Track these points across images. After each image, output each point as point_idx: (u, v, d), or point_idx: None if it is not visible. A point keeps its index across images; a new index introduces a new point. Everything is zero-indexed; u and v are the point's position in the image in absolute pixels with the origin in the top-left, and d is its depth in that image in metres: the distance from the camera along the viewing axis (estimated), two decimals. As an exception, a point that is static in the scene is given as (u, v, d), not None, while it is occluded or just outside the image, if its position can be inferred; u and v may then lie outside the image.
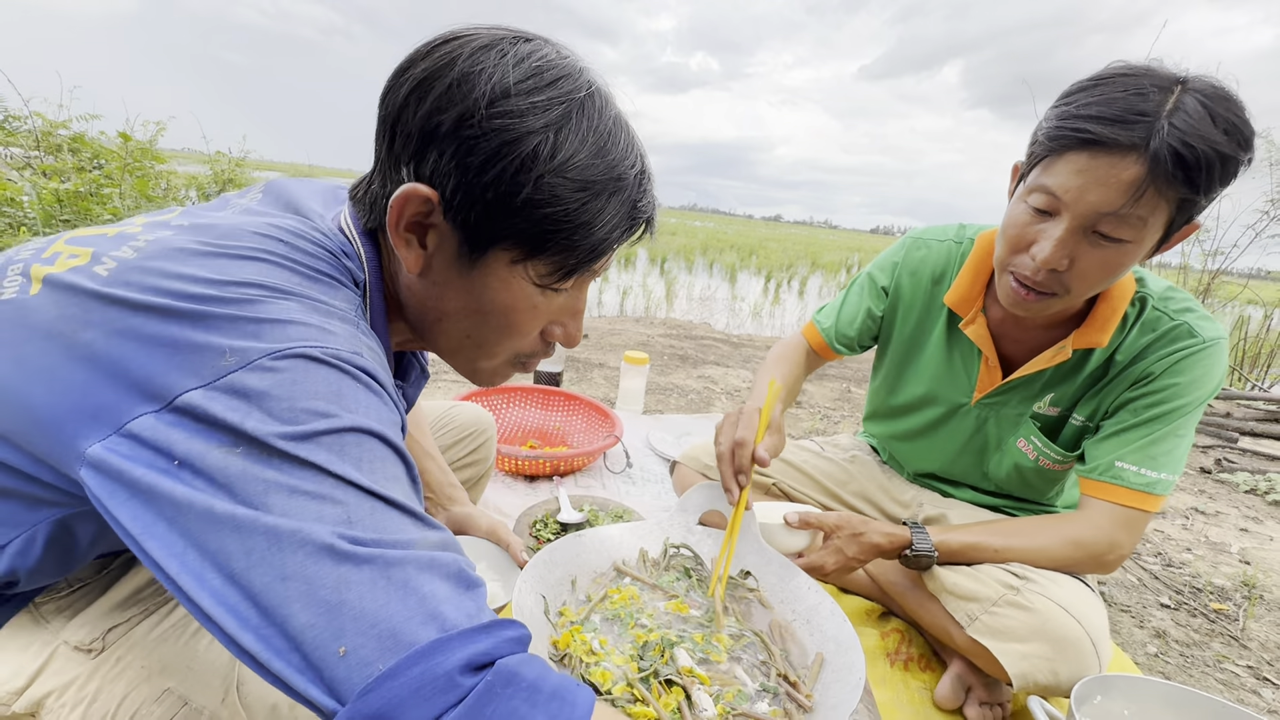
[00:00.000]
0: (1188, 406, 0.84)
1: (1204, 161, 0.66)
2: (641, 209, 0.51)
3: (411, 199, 0.46)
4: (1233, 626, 1.27)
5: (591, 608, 0.78)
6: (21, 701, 0.53)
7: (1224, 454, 2.47)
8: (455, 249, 0.48)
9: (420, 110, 0.45)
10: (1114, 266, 0.75)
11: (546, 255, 0.48)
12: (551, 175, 0.45)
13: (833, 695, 0.69)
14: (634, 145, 0.50)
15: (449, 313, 0.52)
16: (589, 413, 1.75)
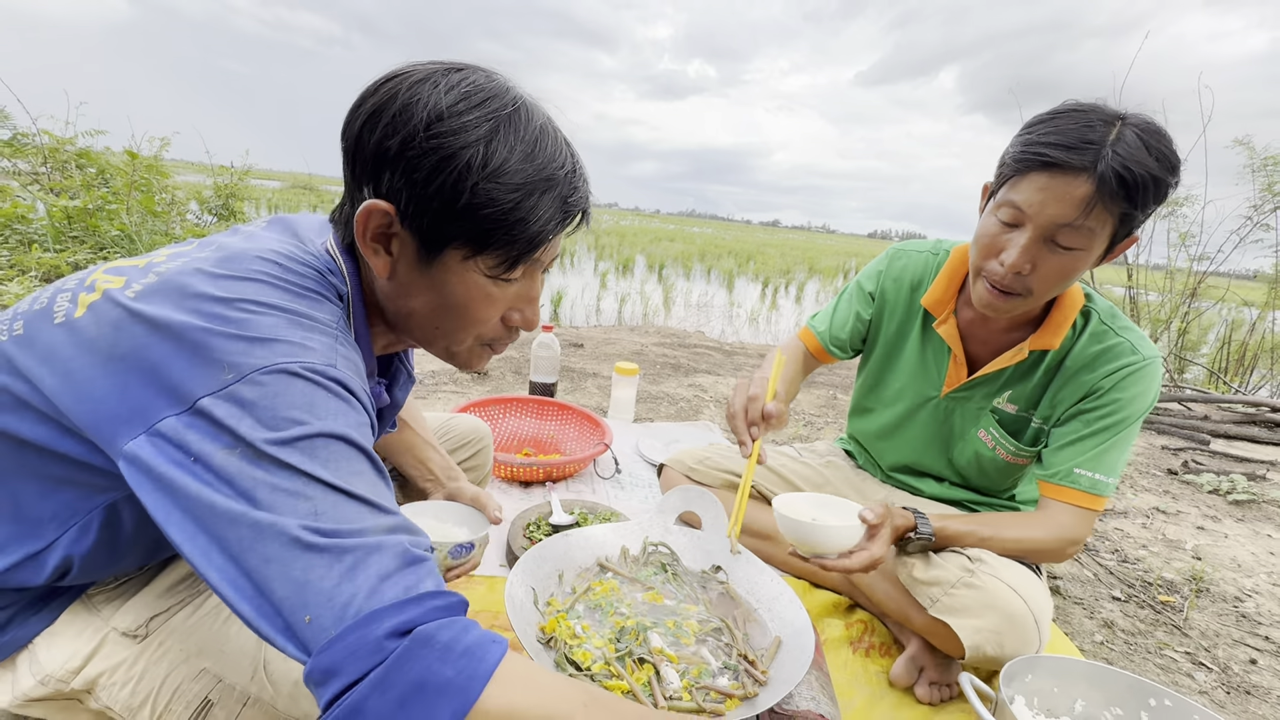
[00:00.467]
0: (1131, 418, 0.97)
1: (1141, 182, 0.80)
2: (573, 203, 0.59)
3: (373, 213, 0.54)
4: (1176, 617, 1.36)
5: (576, 598, 0.88)
6: (78, 680, 0.63)
7: (1193, 456, 2.56)
8: (415, 253, 0.56)
9: (372, 139, 0.53)
10: (1069, 271, 0.88)
11: (491, 250, 0.56)
12: (485, 181, 0.53)
13: (785, 671, 0.79)
14: (562, 148, 0.57)
15: (416, 309, 0.60)
16: (581, 421, 1.85)
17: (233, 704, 0.62)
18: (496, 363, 2.84)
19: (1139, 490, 2.13)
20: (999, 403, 1.09)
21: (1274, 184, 4.57)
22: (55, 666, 0.62)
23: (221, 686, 0.63)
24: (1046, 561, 1.02)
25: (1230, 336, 5.33)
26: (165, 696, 0.62)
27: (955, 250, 1.11)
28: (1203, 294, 4.84)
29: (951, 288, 1.10)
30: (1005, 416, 1.09)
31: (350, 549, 0.43)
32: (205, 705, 0.62)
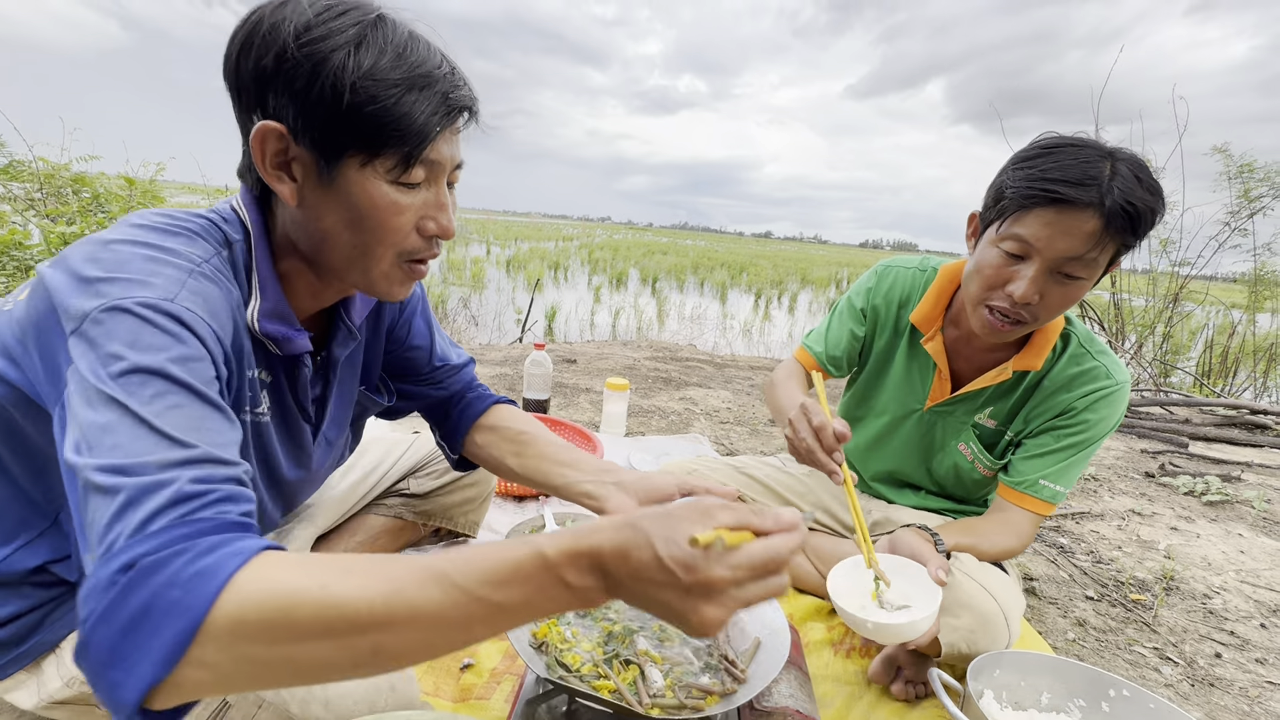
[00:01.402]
0: (1097, 438, 1.05)
1: (1143, 215, 0.87)
2: (454, 99, 0.61)
3: (267, 135, 0.57)
4: (1146, 614, 1.42)
5: (566, 605, 0.93)
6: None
7: (1171, 459, 2.63)
8: (315, 170, 0.58)
9: (249, 63, 0.56)
10: (1073, 299, 0.94)
11: (385, 151, 0.58)
12: (363, 80, 0.55)
13: (763, 669, 0.84)
14: (435, 51, 0.60)
15: (329, 230, 0.61)
16: (572, 437, 1.90)
17: (248, 706, 0.66)
18: (490, 381, 2.90)
19: (1116, 493, 2.19)
20: (980, 418, 1.14)
21: (1250, 190, 4.71)
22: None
23: None
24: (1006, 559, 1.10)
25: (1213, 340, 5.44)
26: None
27: (943, 269, 1.15)
28: (1185, 298, 4.96)
29: (939, 306, 1.14)
30: (985, 431, 1.14)
31: (129, 488, 0.43)
32: (224, 706, 0.66)
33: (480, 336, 6.09)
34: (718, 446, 2.30)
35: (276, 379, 0.68)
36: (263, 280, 0.62)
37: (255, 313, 0.61)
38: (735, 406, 2.91)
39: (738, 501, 0.51)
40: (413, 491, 1.11)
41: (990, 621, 0.98)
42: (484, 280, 10.65)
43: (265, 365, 0.66)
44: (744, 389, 3.30)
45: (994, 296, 0.96)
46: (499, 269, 13.17)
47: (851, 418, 1.34)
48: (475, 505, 1.19)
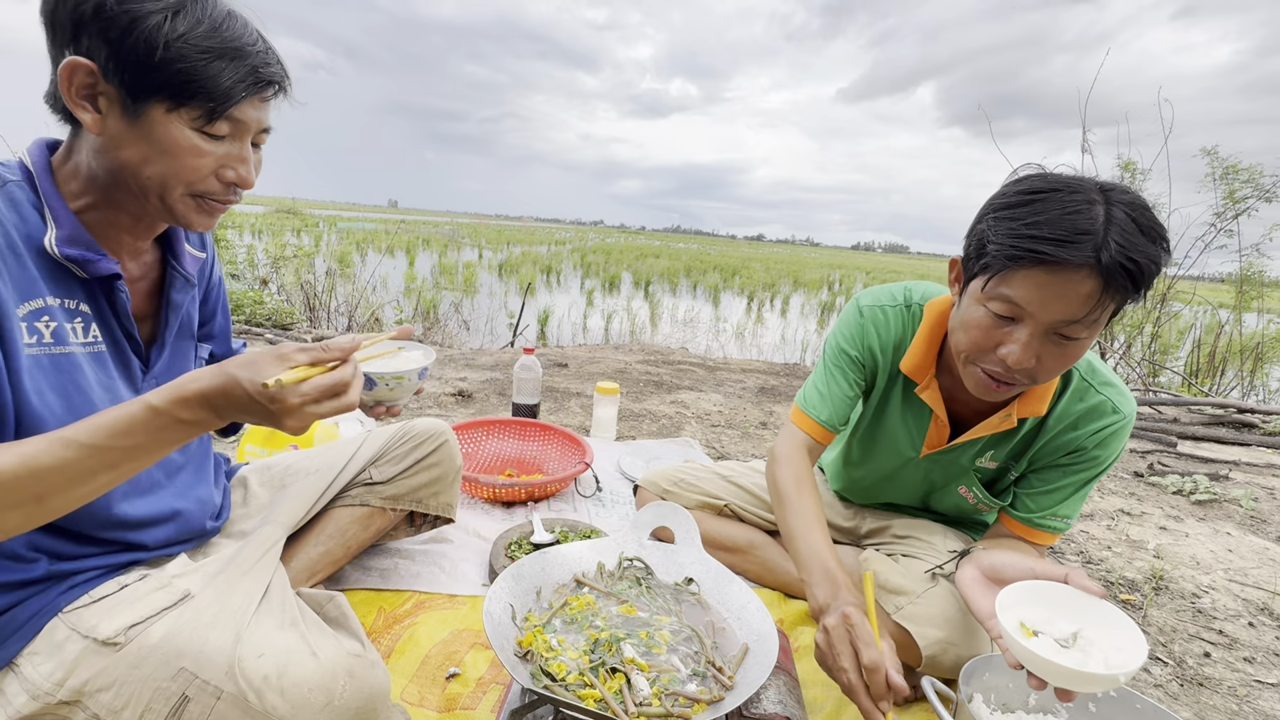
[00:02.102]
0: (1102, 471, 1.02)
1: (1145, 270, 0.75)
2: (264, 73, 0.69)
3: (76, 69, 0.63)
4: (1136, 614, 1.42)
5: (552, 613, 0.92)
6: (64, 691, 0.68)
7: (1159, 458, 2.64)
8: (121, 107, 0.64)
9: (66, 6, 0.62)
10: (1073, 359, 0.84)
11: (191, 103, 0.65)
12: (177, 42, 0.63)
13: (751, 676, 0.83)
14: (251, 30, 0.69)
15: (127, 159, 0.67)
16: (562, 441, 1.89)
17: (208, 699, 0.66)
18: (480, 386, 2.88)
19: (1105, 493, 2.20)
20: (981, 461, 1.09)
21: (1235, 191, 4.76)
22: (41, 680, 0.68)
23: (198, 683, 0.67)
24: None
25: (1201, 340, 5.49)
26: (146, 696, 0.67)
27: (929, 309, 1.05)
28: (1173, 298, 5.00)
29: (931, 352, 1.05)
30: (985, 472, 1.10)
31: None
32: (183, 700, 0.66)
33: (472, 341, 6.07)
34: (709, 450, 2.29)
35: (99, 308, 0.73)
36: (54, 211, 0.68)
37: (53, 240, 0.67)
38: (727, 410, 2.90)
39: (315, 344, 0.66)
40: (375, 479, 1.11)
41: (973, 637, 0.98)
42: (476, 285, 10.63)
43: (84, 297, 0.71)
44: (736, 392, 3.30)
45: (985, 359, 0.87)
46: (491, 273, 13.15)
47: (848, 462, 1.28)
48: (444, 486, 1.19)
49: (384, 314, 5.97)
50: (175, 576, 0.78)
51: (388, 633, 1.10)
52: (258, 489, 1.07)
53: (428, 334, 5.80)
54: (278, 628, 0.73)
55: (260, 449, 1.57)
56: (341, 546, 1.08)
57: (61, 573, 0.73)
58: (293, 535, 1.04)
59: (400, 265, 11.95)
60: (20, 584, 0.71)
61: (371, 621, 1.12)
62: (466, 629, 1.13)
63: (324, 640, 0.74)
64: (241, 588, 0.77)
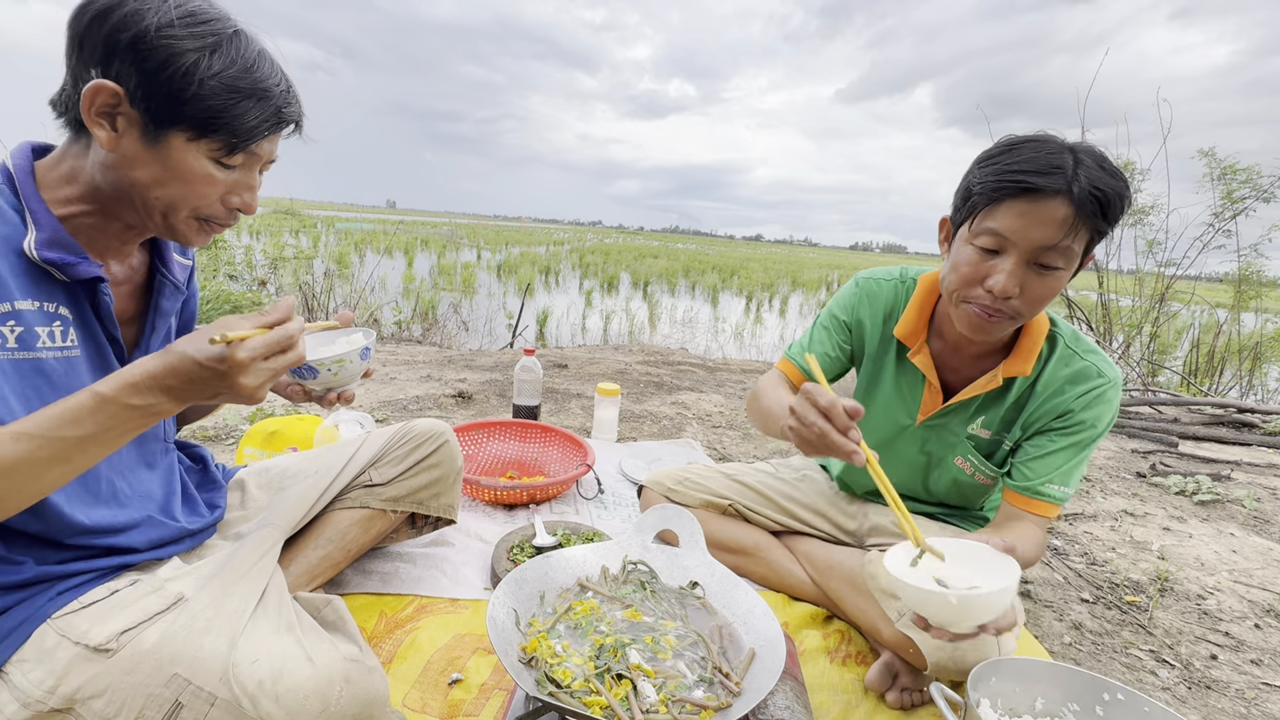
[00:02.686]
0: (1095, 437, 1.04)
1: (1112, 199, 0.86)
2: (286, 114, 0.73)
3: (100, 91, 0.64)
4: (1142, 616, 1.41)
5: (557, 618, 0.91)
6: (55, 699, 0.67)
7: (1161, 458, 2.64)
8: (141, 130, 0.66)
9: (103, 30, 0.63)
10: (1053, 290, 0.92)
11: (212, 137, 0.68)
12: (210, 80, 0.65)
13: (758, 681, 0.82)
14: (278, 72, 0.72)
15: (139, 179, 0.68)
16: (564, 443, 1.88)
17: (201, 705, 0.65)
18: (480, 387, 2.87)
19: (1108, 494, 2.19)
20: (973, 429, 1.12)
21: (1233, 191, 4.76)
22: (31, 687, 0.66)
23: (191, 689, 0.66)
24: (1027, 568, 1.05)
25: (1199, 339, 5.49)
26: (139, 703, 0.66)
27: (922, 279, 1.13)
28: (1171, 297, 5.00)
29: (923, 317, 1.11)
30: (980, 442, 1.13)
31: None
32: (176, 707, 0.65)
33: (471, 342, 6.05)
34: (710, 451, 2.28)
35: (80, 311, 0.72)
36: (35, 214, 0.68)
37: (32, 243, 0.66)
38: (728, 410, 2.89)
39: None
40: (375, 481, 1.10)
41: (979, 640, 0.96)
42: (475, 285, 10.61)
43: (65, 300, 0.70)
44: (736, 393, 3.29)
45: (973, 292, 0.94)
46: (490, 274, 13.13)
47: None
48: (445, 487, 1.18)
49: (383, 315, 5.96)
50: (168, 580, 0.77)
51: (389, 637, 1.08)
52: (256, 491, 1.05)
53: (427, 334, 5.78)
54: (273, 632, 0.72)
55: (259, 451, 1.56)
56: (341, 550, 1.06)
57: (49, 576, 0.72)
58: (291, 538, 1.03)
59: (399, 266, 11.93)
60: (7, 588, 0.70)
61: (373, 626, 1.11)
62: (469, 633, 1.11)
63: (320, 645, 0.72)
64: (237, 591, 0.76)
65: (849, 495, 1.37)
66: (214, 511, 0.96)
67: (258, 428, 1.59)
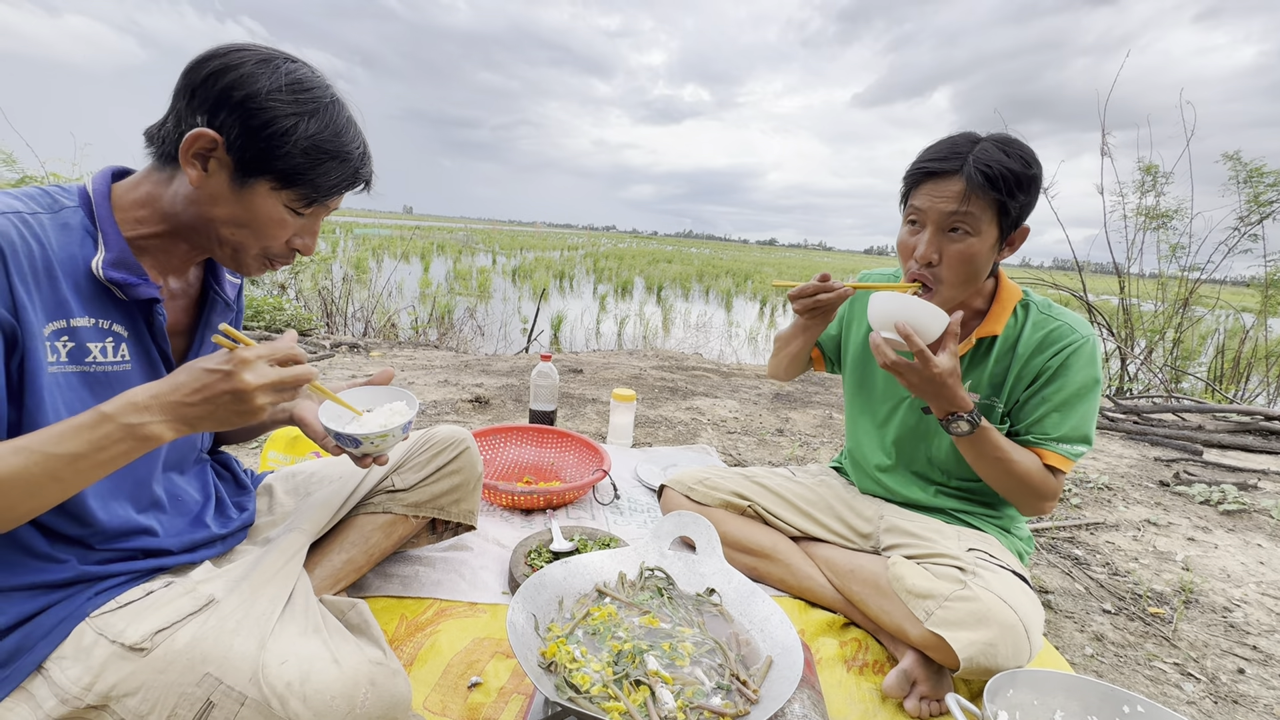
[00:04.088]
0: (1084, 390, 1.11)
1: (999, 174, 1.01)
2: (362, 174, 0.80)
3: (202, 137, 0.69)
4: (1166, 628, 1.39)
5: (575, 624, 0.92)
6: (92, 695, 0.69)
7: (1185, 467, 2.59)
8: (230, 174, 0.72)
9: (218, 86, 0.69)
10: (969, 255, 1.06)
11: (295, 189, 0.74)
12: (304, 141, 0.71)
13: (776, 689, 0.82)
14: (359, 135, 0.78)
15: (218, 216, 0.74)
16: (580, 448, 1.89)
17: (231, 704, 0.68)
18: (497, 392, 2.90)
19: (1130, 503, 2.16)
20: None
21: (1260, 195, 4.67)
22: (69, 684, 0.69)
23: (222, 689, 0.68)
24: (1032, 501, 1.14)
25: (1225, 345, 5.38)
26: (171, 701, 0.68)
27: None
28: (1195, 302, 4.90)
29: None
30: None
31: None
32: (207, 706, 0.68)
33: (486, 346, 6.10)
34: (725, 457, 2.28)
35: (136, 328, 0.76)
36: (106, 236, 0.72)
37: (100, 262, 0.70)
38: (743, 416, 2.89)
39: None
40: (397, 487, 1.12)
41: (1011, 634, 0.96)
42: (490, 290, 10.69)
43: (121, 317, 0.74)
44: (751, 398, 3.29)
45: (909, 265, 1.11)
46: (505, 279, 13.22)
47: (853, 415, 1.41)
48: (465, 493, 1.20)
49: (400, 319, 6.02)
50: (200, 582, 0.79)
51: (410, 640, 1.10)
52: (283, 497, 1.08)
53: (443, 339, 5.83)
54: (301, 634, 0.74)
55: (282, 455, 1.59)
56: (364, 554, 1.08)
57: (89, 576, 0.75)
58: (316, 542, 1.05)
59: (415, 271, 12.06)
60: (49, 586, 0.72)
61: (394, 629, 1.13)
62: (487, 637, 1.13)
63: (346, 648, 0.74)
64: (265, 594, 0.78)
65: (864, 497, 1.37)
66: (242, 514, 0.98)
67: (281, 432, 1.62)
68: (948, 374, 1.03)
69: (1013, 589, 1.02)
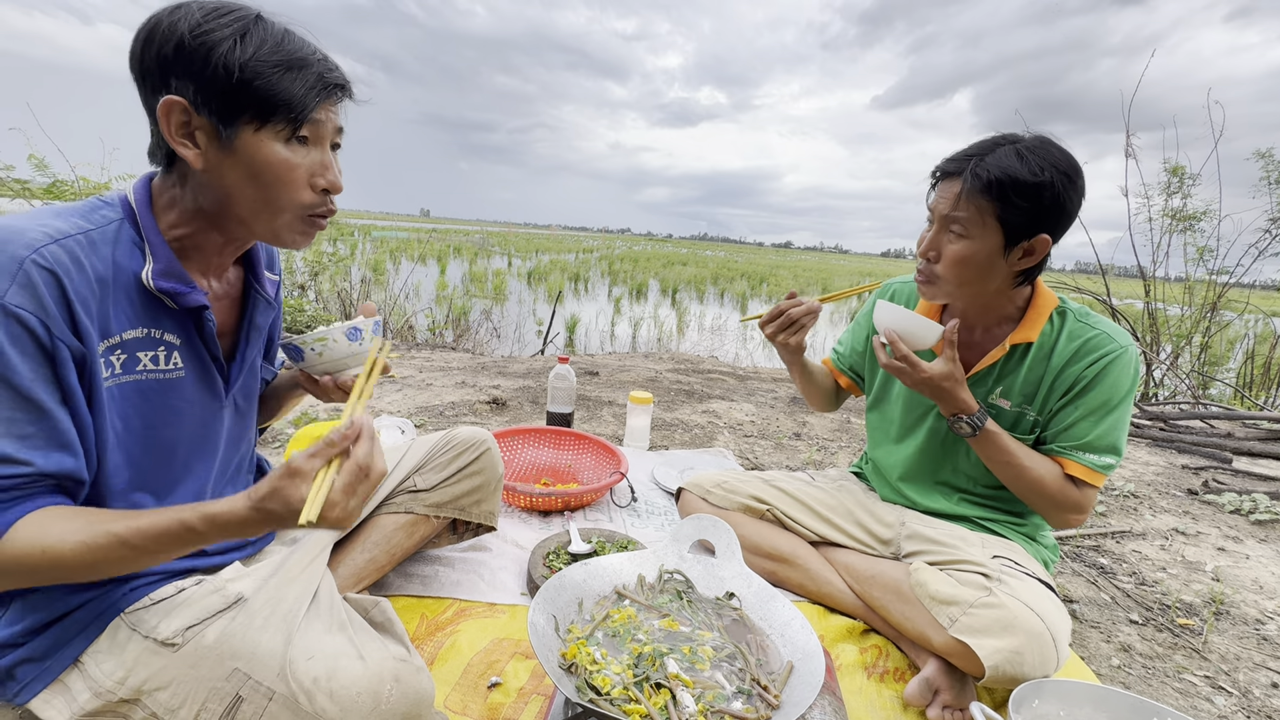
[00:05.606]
0: (1115, 400, 1.09)
1: (995, 179, 1.01)
2: (329, 78, 0.74)
3: (173, 108, 0.67)
4: (1195, 640, 1.36)
5: (595, 625, 0.92)
6: (125, 689, 0.71)
7: (1214, 475, 2.53)
8: (216, 137, 0.69)
9: (150, 53, 0.68)
10: (964, 256, 1.07)
11: (275, 117, 0.70)
12: (250, 62, 0.68)
13: (797, 695, 0.82)
14: (309, 44, 0.74)
15: (232, 187, 0.72)
16: (597, 451, 1.90)
17: (260, 699, 0.69)
18: (513, 394, 2.91)
19: (1158, 511, 2.11)
20: (993, 399, 1.18)
21: (1292, 195, 4.54)
22: (103, 678, 0.71)
23: (251, 684, 0.70)
24: (1055, 514, 1.13)
25: (1255, 350, 5.25)
26: (201, 695, 0.70)
27: None
28: (1224, 306, 4.79)
29: (934, 304, 1.26)
30: (1002, 412, 1.18)
31: None
32: (236, 700, 0.69)
33: (502, 348, 6.14)
34: (742, 460, 2.27)
35: (188, 335, 0.77)
36: (153, 245, 0.72)
37: (150, 273, 0.71)
38: (759, 420, 2.88)
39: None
40: (419, 487, 1.14)
41: (1038, 642, 0.95)
42: (505, 292, 10.75)
43: (173, 326, 0.75)
44: (767, 402, 3.27)
45: (920, 261, 1.15)
46: (520, 281, 13.29)
47: (873, 425, 1.42)
48: (486, 494, 1.21)
49: (417, 321, 6.08)
50: (229, 581, 0.80)
51: (430, 640, 1.11)
52: None
53: (459, 341, 5.88)
54: (326, 631, 0.75)
55: (305, 455, 1.61)
56: (386, 553, 1.09)
57: (126, 573, 0.76)
58: (339, 541, 1.06)
59: (432, 273, 12.17)
60: (87, 583, 0.74)
61: (415, 628, 1.14)
62: (506, 638, 1.13)
63: (371, 644, 0.75)
64: (292, 592, 0.79)
65: (885, 503, 1.36)
66: None
67: (304, 431, 1.65)
68: (940, 378, 1.09)
69: (1040, 597, 1.00)
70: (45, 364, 0.63)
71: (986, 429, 1.11)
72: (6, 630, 0.71)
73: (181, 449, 0.80)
